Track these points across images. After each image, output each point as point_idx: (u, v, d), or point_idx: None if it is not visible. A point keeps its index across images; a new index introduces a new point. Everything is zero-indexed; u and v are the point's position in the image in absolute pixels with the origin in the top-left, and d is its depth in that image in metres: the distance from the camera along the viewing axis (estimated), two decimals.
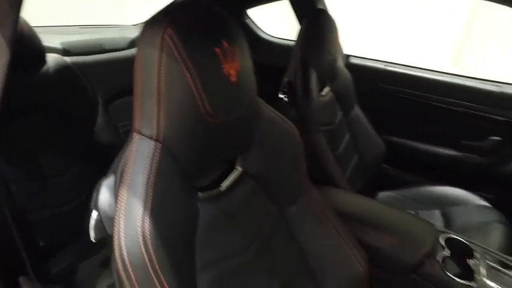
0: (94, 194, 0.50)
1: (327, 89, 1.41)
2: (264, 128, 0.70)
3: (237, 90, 0.57)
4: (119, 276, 0.44)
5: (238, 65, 0.56)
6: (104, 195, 0.49)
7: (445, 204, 1.38)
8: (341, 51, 1.68)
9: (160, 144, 0.51)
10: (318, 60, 1.26)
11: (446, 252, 0.91)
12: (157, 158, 0.49)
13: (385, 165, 1.69)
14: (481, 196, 1.38)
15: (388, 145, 1.60)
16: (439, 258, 0.88)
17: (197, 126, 0.53)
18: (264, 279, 0.68)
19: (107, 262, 1.28)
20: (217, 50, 0.52)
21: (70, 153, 1.21)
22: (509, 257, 0.95)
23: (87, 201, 0.51)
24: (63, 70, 1.16)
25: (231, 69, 0.54)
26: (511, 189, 1.48)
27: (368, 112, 1.56)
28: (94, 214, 0.49)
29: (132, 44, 1.62)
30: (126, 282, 0.44)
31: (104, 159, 0.69)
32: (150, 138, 0.51)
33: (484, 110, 1.48)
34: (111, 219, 0.47)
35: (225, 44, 0.54)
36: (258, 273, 0.67)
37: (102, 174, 0.53)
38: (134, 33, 1.67)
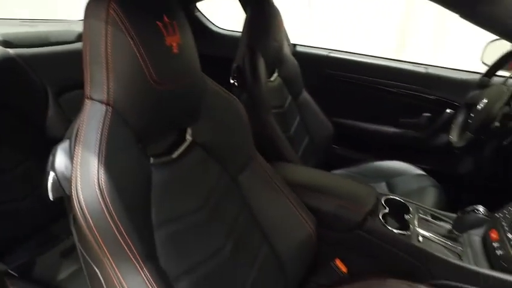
0: (50, 157, 0.53)
1: (275, 75, 1.49)
2: (209, 100, 0.75)
3: (180, 61, 0.62)
4: (79, 226, 0.47)
5: (179, 38, 0.61)
6: (60, 157, 0.52)
7: (389, 176, 1.52)
8: (287, 39, 1.77)
9: (111, 108, 0.54)
10: (264, 46, 1.34)
11: (386, 210, 1.02)
12: (109, 119, 0.53)
13: (334, 146, 1.81)
14: (418, 166, 1.54)
15: (336, 127, 1.72)
16: (380, 215, 0.99)
17: (145, 92, 0.57)
18: (219, 239, 0.73)
19: (67, 253, 1.26)
20: (158, 23, 0.57)
21: (22, 148, 1.18)
22: (437, 210, 1.09)
23: (42, 195, 0.53)
24: (5, 62, 1.13)
25: (173, 42, 0.59)
26: (441, 159, 1.65)
27: (316, 96, 1.67)
28: (51, 175, 0.51)
29: (79, 37, 1.59)
30: (86, 231, 0.47)
31: None
32: (101, 102, 0.55)
33: (415, 89, 1.65)
34: (68, 180, 0.50)
35: (166, 19, 0.58)
36: (212, 233, 0.72)
37: None
38: (81, 27, 1.64)
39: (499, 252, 0.89)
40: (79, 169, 0.49)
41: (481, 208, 0.94)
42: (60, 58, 1.36)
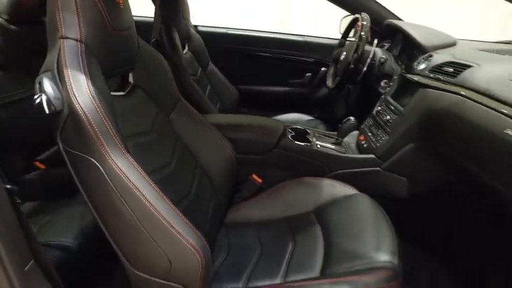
0: (37, 85, 0.66)
1: (186, 49, 1.73)
2: (143, 53, 0.93)
3: (125, 13, 0.80)
4: (78, 127, 0.64)
5: None
6: (47, 83, 0.66)
7: (289, 124, 1.93)
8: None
9: (84, 45, 0.69)
10: (176, 22, 1.57)
11: (293, 133, 1.38)
12: (84, 52, 0.69)
13: (242, 108, 2.14)
14: (309, 115, 1.99)
15: (240, 92, 2.05)
16: (289, 136, 1.34)
17: (106, 36, 0.74)
18: (166, 156, 0.92)
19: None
20: None
21: None
22: (325, 132, 1.51)
23: None
24: None
25: None
26: (323, 107, 2.15)
27: (220, 68, 1.97)
28: (43, 96, 0.65)
29: None
30: (88, 127, 0.64)
31: None
32: (76, 40, 0.69)
33: (298, 55, 2.09)
34: (58, 98, 0.65)
35: None
36: (161, 152, 0.91)
37: None
38: None
39: (365, 145, 1.34)
40: (73, 86, 0.64)
41: (352, 118, 1.38)
42: None
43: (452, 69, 1.08)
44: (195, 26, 2.13)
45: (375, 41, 1.56)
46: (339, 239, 0.93)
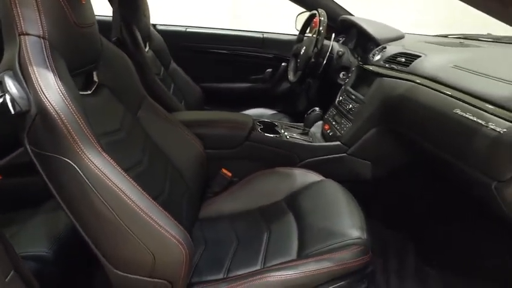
0: None
1: (147, 48, 1.71)
2: (106, 51, 0.91)
3: (87, 10, 0.78)
4: (55, 126, 0.61)
5: None
6: (9, 82, 0.62)
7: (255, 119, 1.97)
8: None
9: (47, 41, 0.66)
10: (137, 20, 1.54)
11: (261, 126, 1.42)
12: (48, 49, 0.65)
13: (206, 107, 2.15)
14: (272, 109, 2.05)
15: (203, 90, 2.07)
16: (258, 129, 1.38)
17: (69, 32, 0.71)
18: (138, 154, 0.91)
19: None
20: None
21: None
22: (292, 123, 1.57)
23: None
24: None
25: None
26: (287, 102, 2.22)
27: (183, 66, 1.97)
28: (7, 96, 0.61)
29: None
30: (60, 126, 0.61)
31: None
32: (38, 36, 0.65)
33: (257, 51, 2.15)
34: (23, 98, 0.61)
35: None
36: (132, 150, 0.90)
37: None
38: None
39: (330, 133, 1.42)
40: (41, 84, 0.61)
41: (317, 109, 1.46)
42: None
43: (404, 59, 1.19)
44: (154, 25, 2.10)
45: (333, 36, 1.65)
46: (311, 222, 0.98)
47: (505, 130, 0.74)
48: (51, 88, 0.62)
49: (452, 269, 1.16)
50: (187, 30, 2.14)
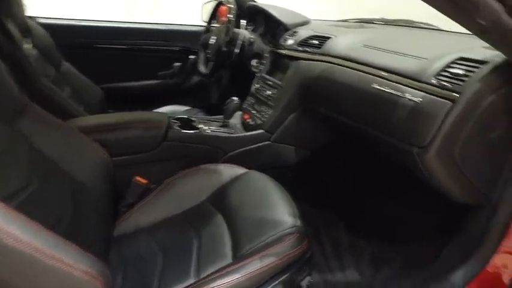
0: None
1: (29, 45, 1.44)
2: None
3: None
4: None
5: None
6: None
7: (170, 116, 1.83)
8: None
9: None
10: (8, 10, 1.28)
11: (178, 123, 1.31)
12: None
13: (110, 109, 1.92)
14: (184, 105, 1.93)
15: (105, 91, 1.84)
16: (175, 127, 1.27)
17: None
18: (23, 172, 0.72)
19: None
20: None
21: None
22: (208, 117, 1.50)
23: None
24: None
25: None
26: (199, 96, 2.12)
27: (78, 66, 1.72)
28: None
29: None
30: None
31: None
32: None
33: (162, 44, 2.00)
34: None
35: None
36: (14, 168, 0.71)
37: None
38: None
39: (251, 122, 1.38)
40: None
41: (235, 99, 1.40)
42: None
43: (317, 42, 1.21)
44: (32, 17, 1.78)
45: (242, 23, 1.61)
46: (241, 219, 0.92)
47: (420, 99, 0.79)
48: None
49: (382, 238, 1.24)
50: (80, 24, 1.87)
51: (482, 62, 0.76)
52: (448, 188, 0.84)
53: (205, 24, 1.78)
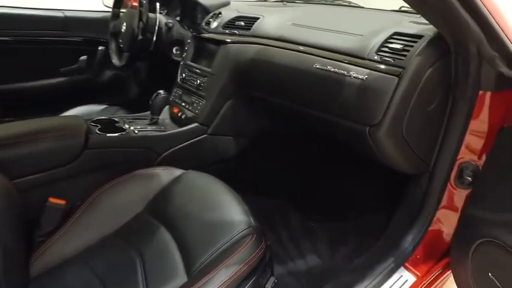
0: None
1: None
2: None
3: None
4: None
5: None
6: None
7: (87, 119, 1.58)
8: None
9: None
10: None
11: (99, 126, 1.12)
12: None
13: (5, 118, 1.60)
14: (99, 104, 1.69)
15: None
16: (96, 131, 1.09)
17: None
18: None
19: None
20: None
21: None
22: (134, 115, 1.34)
23: None
24: None
25: None
26: (115, 92, 1.89)
27: None
28: None
29: None
30: None
31: None
32: None
33: (61, 35, 1.70)
34: None
35: None
36: None
37: None
38: None
39: (182, 116, 1.27)
40: None
41: (162, 92, 1.26)
42: None
43: (243, 23, 1.13)
44: None
45: (157, 6, 1.44)
46: (188, 228, 0.82)
47: (366, 77, 0.77)
48: None
49: (335, 218, 1.25)
50: None
51: (417, 36, 0.77)
52: (396, 162, 0.85)
53: (109, 9, 1.56)
